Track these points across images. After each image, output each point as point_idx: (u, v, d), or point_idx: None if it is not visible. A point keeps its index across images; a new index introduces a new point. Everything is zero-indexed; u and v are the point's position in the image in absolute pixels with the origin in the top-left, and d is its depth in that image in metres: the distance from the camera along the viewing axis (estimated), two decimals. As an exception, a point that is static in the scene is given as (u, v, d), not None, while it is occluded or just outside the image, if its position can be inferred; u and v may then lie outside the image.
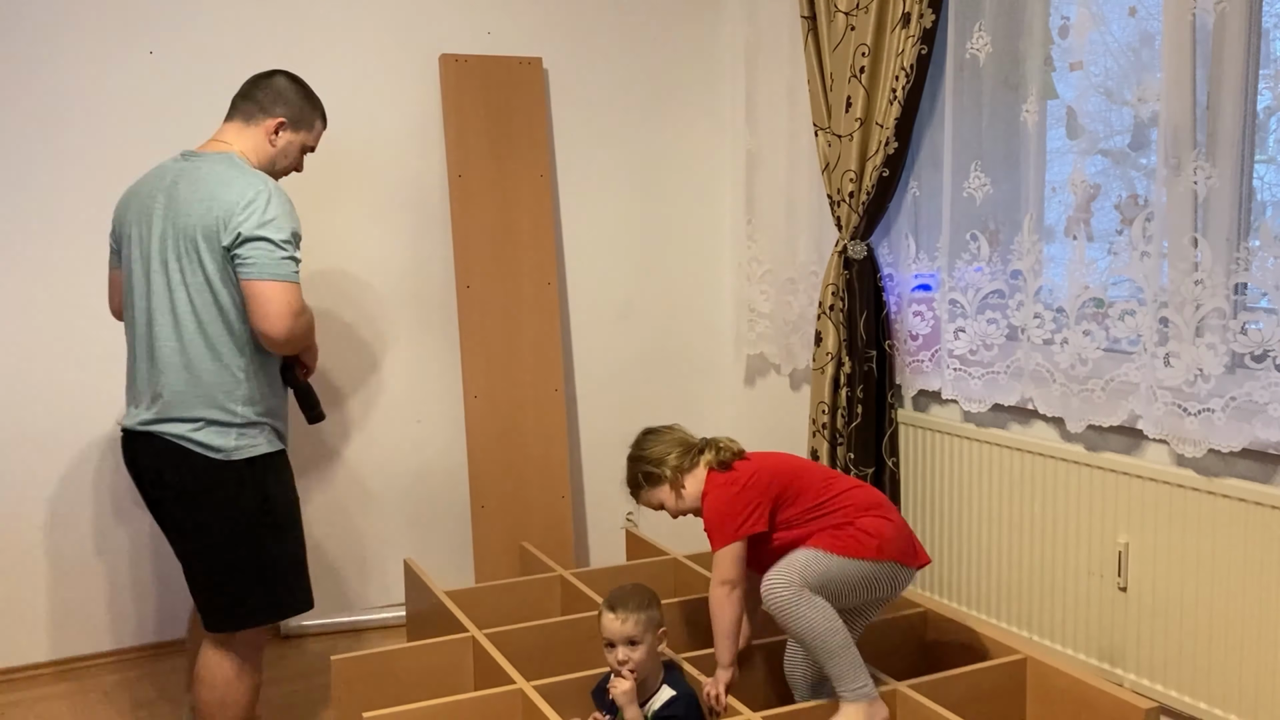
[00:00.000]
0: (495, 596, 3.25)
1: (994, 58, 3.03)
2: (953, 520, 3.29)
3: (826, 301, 3.45)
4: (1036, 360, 2.95)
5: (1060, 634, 2.98)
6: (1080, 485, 2.88)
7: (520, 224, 3.81)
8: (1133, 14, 2.76)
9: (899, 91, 3.17)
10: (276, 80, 2.60)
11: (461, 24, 3.77)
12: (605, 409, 4.06)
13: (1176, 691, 2.68)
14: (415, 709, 2.40)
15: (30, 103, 3.27)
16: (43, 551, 3.40)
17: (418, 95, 3.73)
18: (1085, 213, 2.85)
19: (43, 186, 3.31)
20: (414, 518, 3.85)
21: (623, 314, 4.11)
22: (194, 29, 3.43)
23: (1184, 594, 2.65)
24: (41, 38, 3.27)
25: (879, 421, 3.42)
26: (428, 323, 3.82)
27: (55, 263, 3.34)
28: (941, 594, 3.35)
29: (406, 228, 3.76)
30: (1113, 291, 2.79)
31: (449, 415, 3.82)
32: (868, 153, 3.32)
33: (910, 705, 2.44)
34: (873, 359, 3.38)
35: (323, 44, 3.58)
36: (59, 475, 3.40)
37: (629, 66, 4.02)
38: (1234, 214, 2.51)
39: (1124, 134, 2.89)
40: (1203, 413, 2.53)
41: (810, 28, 3.51)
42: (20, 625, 3.38)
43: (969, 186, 3.09)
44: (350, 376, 3.72)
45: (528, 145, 3.82)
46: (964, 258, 3.15)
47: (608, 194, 4.05)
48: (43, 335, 3.35)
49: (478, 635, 2.79)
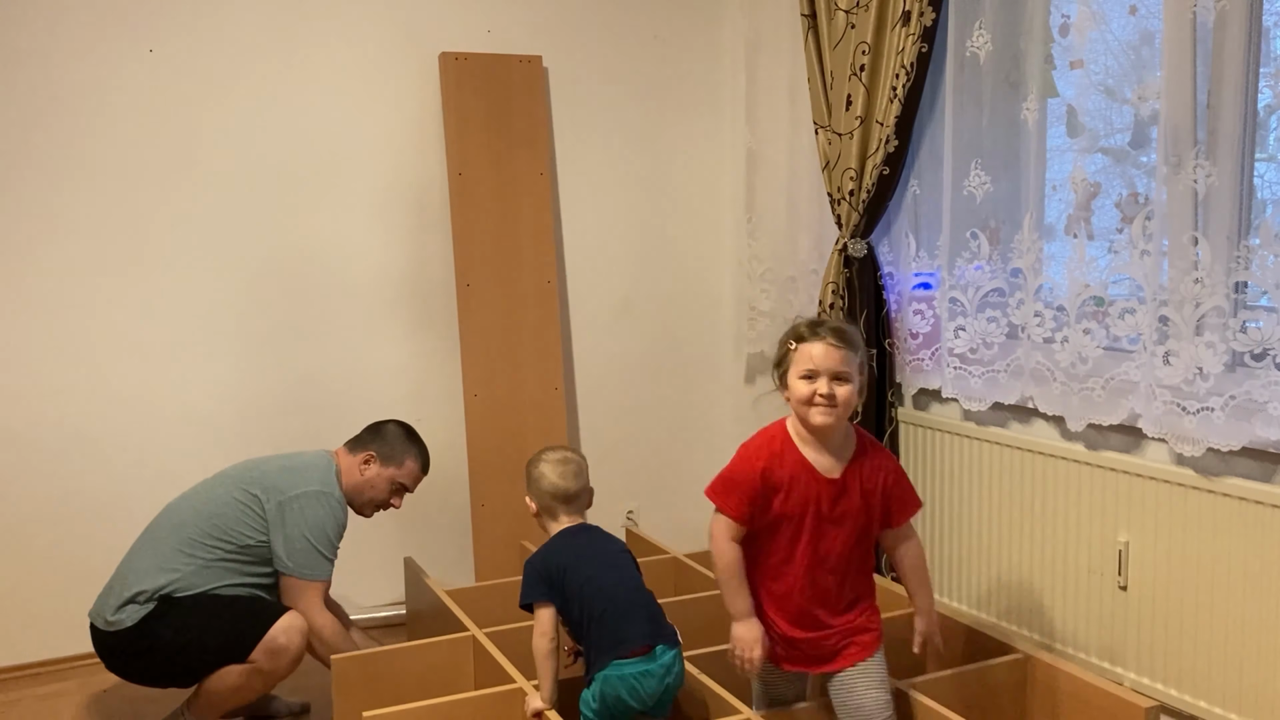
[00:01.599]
0: (495, 595, 3.25)
1: (994, 56, 3.02)
2: (953, 519, 3.29)
3: (827, 300, 3.45)
4: (1036, 359, 2.95)
5: (1060, 633, 2.98)
6: (1080, 484, 2.88)
7: (520, 222, 3.80)
8: (1133, 12, 2.76)
9: (899, 89, 3.17)
10: (386, 425, 3.06)
11: (461, 22, 3.77)
12: (605, 408, 4.06)
13: (1177, 690, 2.68)
14: (415, 708, 2.41)
15: (30, 101, 3.27)
16: (43, 551, 3.40)
17: (417, 93, 3.73)
18: (1085, 211, 2.85)
19: (42, 185, 3.31)
20: (414, 517, 3.85)
21: (623, 312, 4.11)
22: (194, 28, 3.43)
23: (1184, 593, 2.65)
24: (41, 36, 3.26)
25: (879, 420, 3.42)
26: (428, 321, 3.81)
27: (54, 261, 3.34)
28: (942, 593, 3.35)
29: (406, 226, 3.76)
30: (1113, 290, 2.78)
31: (449, 414, 3.82)
32: (868, 151, 3.31)
33: (911, 704, 2.44)
34: (873, 357, 3.38)
35: (323, 42, 3.58)
36: (59, 475, 3.40)
37: (629, 65, 4.02)
38: (1234, 212, 2.51)
39: (1124, 132, 2.88)
40: (1202, 411, 2.52)
41: (810, 25, 3.50)
42: (20, 625, 3.38)
43: (969, 185, 3.09)
44: (350, 375, 3.71)
45: (528, 144, 3.81)
46: (964, 256, 3.15)
47: (608, 192, 4.04)
48: (42, 334, 3.34)
49: (478, 634, 2.79)
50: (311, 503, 2.84)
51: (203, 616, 2.75)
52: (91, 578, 3.46)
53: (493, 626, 2.86)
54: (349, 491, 2.96)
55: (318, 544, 2.85)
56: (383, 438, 3.02)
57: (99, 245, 3.38)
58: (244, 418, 3.57)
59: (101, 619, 2.80)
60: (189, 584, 2.78)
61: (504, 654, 2.67)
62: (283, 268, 3.60)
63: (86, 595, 3.46)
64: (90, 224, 3.37)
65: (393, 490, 3.03)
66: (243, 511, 2.83)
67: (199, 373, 3.53)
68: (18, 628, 3.38)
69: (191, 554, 2.79)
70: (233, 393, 3.57)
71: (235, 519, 2.82)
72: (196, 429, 3.51)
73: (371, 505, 3.03)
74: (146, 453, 3.47)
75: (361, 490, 2.98)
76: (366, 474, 2.98)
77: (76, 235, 3.35)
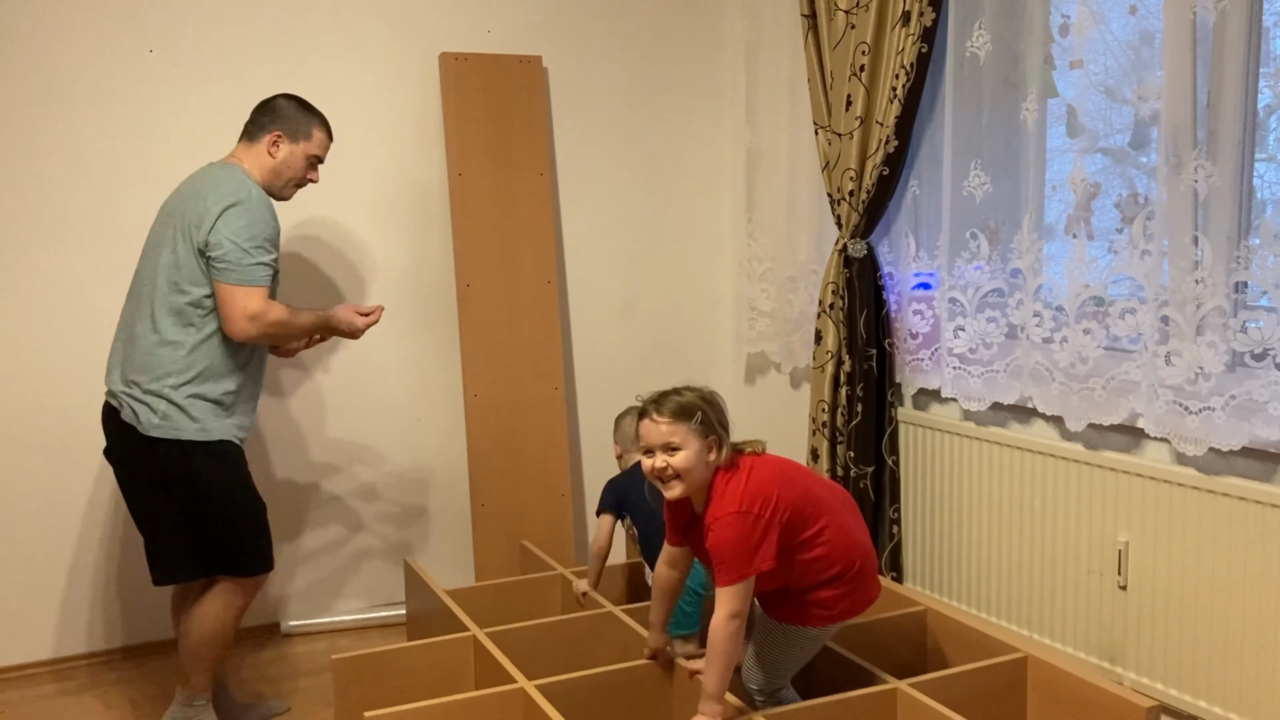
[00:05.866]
0: (495, 595, 3.25)
1: (994, 56, 3.02)
2: (952, 519, 3.29)
3: (827, 300, 3.45)
4: (1036, 359, 2.95)
5: (1060, 632, 2.98)
6: (1080, 483, 2.88)
7: (520, 223, 3.80)
8: (1133, 12, 2.76)
9: (899, 90, 3.17)
10: (275, 101, 2.92)
11: (461, 22, 3.77)
12: (605, 407, 4.05)
13: (1177, 690, 2.68)
14: (416, 708, 2.40)
15: (30, 101, 3.27)
16: (43, 551, 3.40)
17: (417, 94, 3.73)
18: (1085, 211, 2.85)
19: (42, 185, 3.31)
20: (414, 517, 3.85)
21: (623, 312, 4.11)
22: (194, 28, 3.42)
23: (1184, 592, 2.65)
24: (41, 37, 3.26)
25: (879, 420, 3.42)
26: (428, 321, 3.81)
27: (54, 261, 3.34)
28: (941, 593, 3.35)
29: (406, 226, 3.76)
30: (1113, 290, 2.78)
31: (449, 414, 3.82)
32: (868, 151, 3.31)
33: (910, 704, 2.44)
34: (873, 357, 3.38)
35: (323, 43, 3.58)
36: (59, 475, 3.40)
37: (629, 65, 4.02)
38: (1234, 212, 2.51)
39: (1124, 132, 2.89)
40: (1203, 411, 2.53)
41: (810, 26, 3.50)
42: (20, 625, 3.38)
43: (969, 185, 3.09)
44: (350, 375, 3.71)
45: (527, 144, 3.81)
46: (964, 256, 3.15)
47: (608, 192, 4.04)
48: (41, 334, 3.34)
49: (478, 634, 2.79)
50: (231, 216, 2.69)
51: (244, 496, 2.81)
52: (92, 577, 3.47)
53: (492, 626, 2.86)
54: (265, 181, 2.84)
55: (247, 245, 2.68)
56: (281, 115, 2.89)
57: (99, 245, 3.38)
58: (244, 418, 3.57)
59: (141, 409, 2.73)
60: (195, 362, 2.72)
61: (504, 654, 2.67)
62: (282, 268, 3.59)
63: (87, 595, 3.47)
64: (90, 224, 3.37)
65: (308, 164, 2.93)
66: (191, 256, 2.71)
67: (199, 373, 3.53)
68: (18, 628, 3.38)
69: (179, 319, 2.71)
70: (233, 393, 3.57)
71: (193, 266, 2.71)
72: (196, 429, 3.51)
73: (291, 185, 2.92)
74: (146, 453, 3.47)
75: (279, 173, 2.87)
76: (279, 155, 2.86)
77: (76, 235, 3.35)
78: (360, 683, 2.69)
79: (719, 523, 2.29)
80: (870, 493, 3.40)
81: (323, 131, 2.95)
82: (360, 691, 2.68)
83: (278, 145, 2.86)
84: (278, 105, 2.90)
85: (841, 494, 2.57)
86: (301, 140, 2.89)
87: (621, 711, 2.57)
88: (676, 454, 2.31)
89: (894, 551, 3.43)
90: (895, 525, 3.44)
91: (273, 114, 2.89)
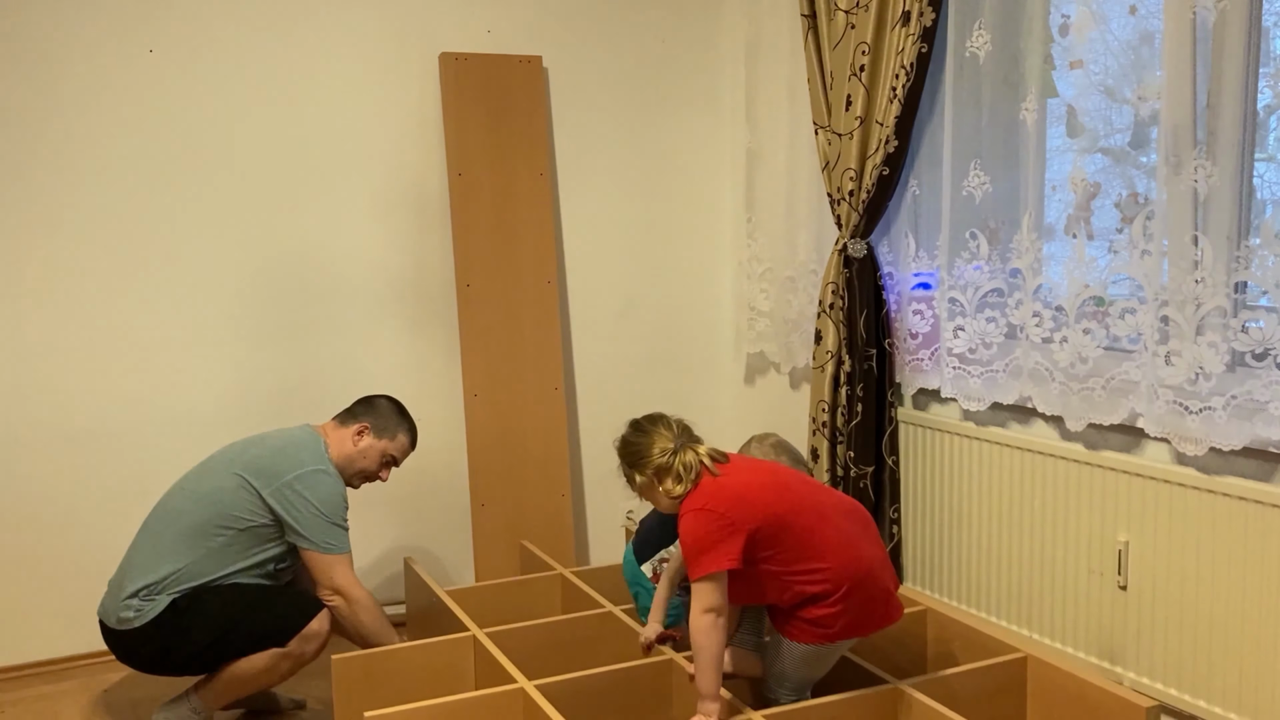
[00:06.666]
0: (495, 595, 3.25)
1: (994, 56, 3.02)
2: (952, 519, 3.29)
3: (826, 300, 3.45)
4: (1035, 359, 2.95)
5: (1060, 632, 2.98)
6: (1080, 484, 2.88)
7: (520, 223, 3.80)
8: (1133, 12, 2.76)
9: (899, 90, 3.17)
10: (377, 398, 3.12)
11: (461, 22, 3.77)
12: (605, 407, 4.06)
13: (1177, 690, 2.68)
14: (416, 708, 2.40)
15: (30, 101, 3.27)
16: (43, 551, 3.40)
17: (417, 94, 3.73)
18: (1085, 211, 2.85)
19: (43, 185, 3.31)
20: (414, 517, 3.85)
21: (623, 312, 4.11)
22: (194, 28, 3.42)
23: (1184, 592, 2.65)
24: (41, 36, 3.26)
25: (879, 420, 3.42)
26: (427, 321, 3.81)
27: (54, 261, 3.34)
28: (941, 593, 3.35)
29: (406, 226, 3.76)
30: (1113, 290, 2.78)
31: (449, 414, 3.82)
32: (868, 151, 3.31)
33: (910, 704, 2.44)
34: (872, 357, 3.38)
35: (323, 42, 3.58)
36: (59, 474, 3.40)
37: (629, 65, 4.02)
38: (1234, 212, 2.51)
39: (1124, 132, 2.88)
40: (1204, 411, 2.53)
41: (810, 26, 3.50)
42: (20, 625, 3.38)
43: (969, 185, 3.09)
44: (351, 375, 3.71)
45: (527, 144, 3.81)
46: (963, 256, 3.15)
47: (608, 193, 4.04)
48: (43, 335, 3.34)
49: (478, 634, 2.79)
50: (314, 480, 2.85)
51: (238, 607, 2.77)
52: (92, 577, 3.46)
53: (492, 626, 2.86)
54: (339, 463, 2.96)
55: (332, 517, 2.86)
56: (376, 411, 3.06)
57: (99, 245, 3.38)
58: (245, 418, 3.56)
59: (113, 617, 2.81)
60: (199, 571, 2.78)
61: (504, 654, 2.67)
62: (283, 268, 3.60)
63: (87, 594, 3.47)
64: (90, 224, 3.37)
65: (383, 463, 3.06)
66: (240, 495, 2.83)
67: (199, 372, 3.53)
68: (18, 628, 3.38)
69: (195, 542, 2.79)
70: (233, 392, 3.57)
71: (234, 503, 2.82)
72: (197, 429, 3.50)
73: (361, 476, 3.05)
74: (147, 452, 3.47)
75: (354, 461, 3.00)
76: (360, 445, 3.00)
77: (76, 235, 3.35)
78: (360, 683, 2.69)
79: (684, 517, 2.41)
80: (870, 493, 3.40)
81: (408, 437, 3.10)
82: (360, 692, 2.68)
83: (362, 436, 3.01)
84: (376, 402, 3.09)
85: (848, 510, 2.52)
86: (385, 438, 3.04)
87: (621, 711, 2.57)
88: (647, 498, 2.55)
89: (894, 552, 3.43)
90: (895, 525, 3.44)
91: (368, 408, 3.07)
